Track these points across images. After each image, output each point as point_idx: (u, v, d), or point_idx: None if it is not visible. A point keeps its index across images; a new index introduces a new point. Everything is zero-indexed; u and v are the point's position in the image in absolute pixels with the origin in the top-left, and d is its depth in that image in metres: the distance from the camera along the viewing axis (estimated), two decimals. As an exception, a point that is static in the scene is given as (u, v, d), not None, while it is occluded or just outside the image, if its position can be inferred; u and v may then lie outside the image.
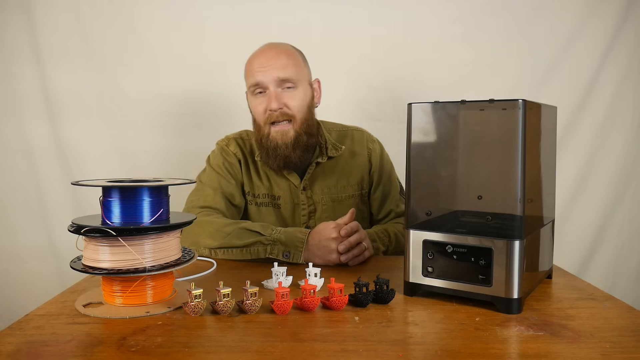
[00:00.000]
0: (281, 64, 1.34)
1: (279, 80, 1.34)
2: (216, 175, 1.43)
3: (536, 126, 0.95)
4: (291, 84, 1.35)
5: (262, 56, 1.36)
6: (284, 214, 1.45)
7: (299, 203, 1.44)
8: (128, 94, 1.89)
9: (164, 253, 0.93)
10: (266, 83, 1.34)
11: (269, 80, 1.33)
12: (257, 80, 1.34)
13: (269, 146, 1.36)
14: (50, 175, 1.89)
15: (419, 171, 0.98)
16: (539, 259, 1.02)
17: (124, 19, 1.86)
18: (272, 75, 1.33)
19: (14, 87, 1.86)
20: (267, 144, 1.36)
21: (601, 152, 1.99)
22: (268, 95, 1.35)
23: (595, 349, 0.75)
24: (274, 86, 1.34)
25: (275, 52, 1.36)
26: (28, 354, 0.74)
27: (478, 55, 1.92)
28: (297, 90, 1.36)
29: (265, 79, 1.34)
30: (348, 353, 0.74)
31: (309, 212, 1.44)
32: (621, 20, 1.92)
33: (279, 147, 1.35)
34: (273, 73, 1.33)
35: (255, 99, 1.37)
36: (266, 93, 1.35)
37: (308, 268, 1.04)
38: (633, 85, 1.96)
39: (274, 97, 1.33)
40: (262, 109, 1.36)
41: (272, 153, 1.36)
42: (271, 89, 1.34)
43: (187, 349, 0.76)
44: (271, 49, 1.38)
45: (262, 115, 1.36)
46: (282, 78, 1.34)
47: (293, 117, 1.36)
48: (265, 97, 1.35)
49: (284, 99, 1.34)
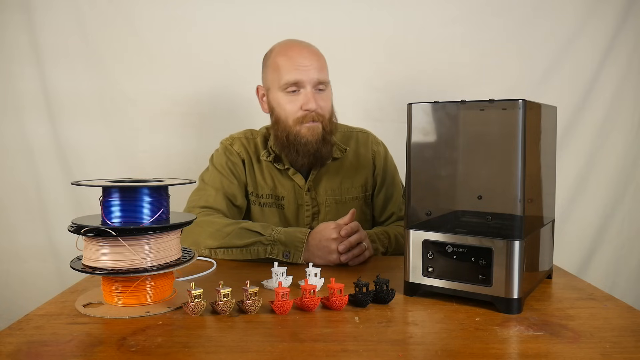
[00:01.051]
0: (319, 65, 1.35)
1: (317, 82, 1.35)
2: (219, 175, 1.43)
3: (536, 126, 0.95)
4: (323, 85, 1.37)
5: (300, 55, 1.35)
6: (288, 214, 1.44)
7: (303, 204, 1.44)
8: (128, 94, 1.88)
9: (164, 253, 0.93)
10: (305, 83, 1.34)
11: (307, 80, 1.33)
12: (297, 79, 1.33)
13: (299, 143, 1.35)
14: (50, 175, 1.89)
15: (419, 171, 0.98)
16: (539, 259, 1.02)
17: (124, 19, 1.86)
18: (311, 76, 1.33)
19: (14, 87, 1.86)
20: (297, 140, 1.35)
21: (601, 152, 1.98)
22: (304, 95, 1.34)
23: (595, 349, 0.75)
24: (311, 86, 1.34)
25: (311, 52, 1.37)
26: (28, 354, 0.75)
27: (478, 55, 1.92)
28: (326, 92, 1.39)
29: (305, 79, 1.33)
30: (348, 353, 0.74)
31: (312, 213, 1.44)
32: (621, 20, 1.92)
33: (309, 143, 1.35)
34: (312, 74, 1.33)
35: (287, 96, 1.36)
36: (300, 92, 1.35)
37: (308, 268, 1.04)
38: (633, 85, 1.96)
39: (312, 98, 1.34)
40: (295, 107, 1.35)
41: (303, 149, 1.36)
42: (308, 89, 1.34)
43: (187, 349, 0.76)
44: (305, 48, 1.38)
45: (295, 113, 1.35)
46: (320, 80, 1.35)
47: (323, 117, 1.37)
48: (298, 96, 1.35)
49: (318, 101, 1.35)
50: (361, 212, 1.47)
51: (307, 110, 1.34)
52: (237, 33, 1.87)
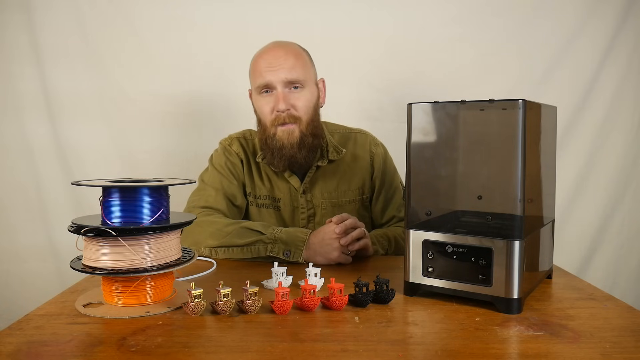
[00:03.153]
0: (289, 64, 1.32)
1: (287, 81, 1.32)
2: (218, 175, 1.42)
3: (536, 126, 0.95)
4: (299, 84, 1.34)
5: (270, 55, 1.34)
6: (284, 216, 1.44)
7: (299, 206, 1.43)
8: (128, 94, 1.88)
9: (164, 253, 0.93)
10: (274, 83, 1.32)
11: (277, 80, 1.32)
12: (265, 81, 1.32)
13: (274, 146, 1.34)
14: (50, 175, 1.89)
15: (419, 171, 0.98)
16: (539, 259, 1.02)
17: (124, 19, 1.86)
18: (280, 76, 1.31)
19: (14, 87, 1.86)
20: (273, 144, 1.34)
21: (601, 152, 1.98)
22: (275, 96, 1.33)
23: (595, 349, 0.75)
24: (282, 87, 1.32)
25: (284, 51, 1.34)
26: (28, 354, 0.74)
27: (478, 55, 1.92)
28: (304, 91, 1.35)
29: (273, 79, 1.32)
30: (348, 353, 0.74)
31: (308, 215, 1.44)
32: (621, 20, 1.92)
33: (284, 147, 1.34)
34: (281, 74, 1.31)
35: (262, 98, 1.35)
36: (273, 93, 1.34)
37: (308, 268, 1.04)
38: (633, 85, 1.96)
39: (282, 98, 1.32)
40: (268, 109, 1.34)
41: (278, 153, 1.35)
42: (279, 90, 1.32)
43: (187, 349, 0.76)
44: (279, 48, 1.36)
45: (269, 115, 1.34)
46: (290, 79, 1.32)
47: (299, 119, 1.34)
48: (272, 97, 1.34)
49: (291, 100, 1.33)
50: (359, 216, 1.43)
51: (278, 111, 1.32)
52: (237, 33, 1.87)
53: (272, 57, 1.33)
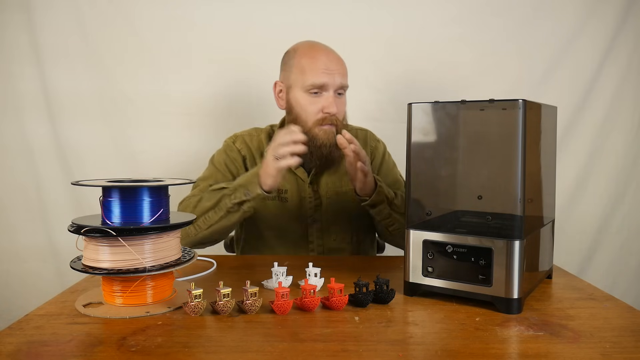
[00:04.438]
0: (343, 70, 1.39)
1: (340, 87, 1.37)
2: (215, 170, 1.46)
3: (536, 126, 0.95)
4: (343, 90, 1.40)
5: (327, 58, 1.37)
6: (291, 207, 1.46)
7: (306, 196, 1.46)
8: (128, 94, 1.88)
9: (164, 253, 0.93)
10: (329, 87, 1.36)
11: (332, 84, 1.36)
12: (322, 82, 1.35)
13: (313, 145, 1.37)
14: (50, 175, 1.89)
15: (419, 171, 0.98)
16: (539, 259, 1.02)
17: (124, 19, 1.86)
18: (337, 81, 1.36)
19: (14, 87, 1.86)
20: (312, 142, 1.37)
21: (601, 152, 1.98)
22: (326, 98, 1.36)
23: (595, 349, 0.75)
24: (334, 91, 1.37)
25: (337, 57, 1.40)
26: (28, 354, 0.74)
27: (478, 55, 1.92)
28: (344, 97, 1.42)
29: (330, 83, 1.35)
30: (348, 353, 0.74)
31: (315, 205, 1.46)
32: (621, 20, 1.92)
33: (323, 146, 1.37)
34: (338, 79, 1.36)
35: (309, 97, 1.37)
36: (323, 95, 1.37)
37: (308, 268, 1.04)
38: (633, 85, 1.96)
39: (335, 102, 1.36)
40: (315, 109, 1.37)
41: (317, 152, 1.37)
42: (331, 93, 1.36)
43: (187, 349, 0.76)
44: (333, 52, 1.41)
45: (314, 115, 1.37)
46: (343, 85, 1.38)
47: (339, 121, 1.39)
48: (321, 98, 1.37)
49: (338, 105, 1.38)
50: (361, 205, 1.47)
51: (327, 113, 1.36)
52: (237, 33, 1.87)
53: (327, 60, 1.37)
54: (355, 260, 1.34)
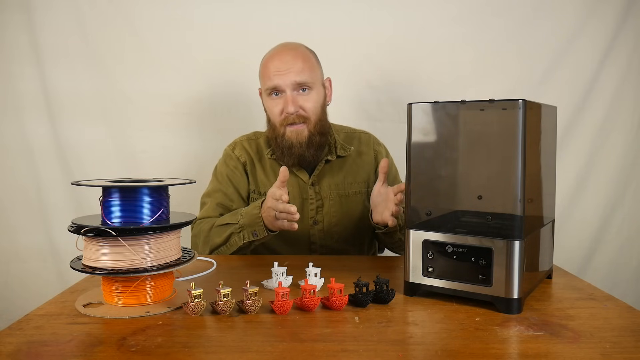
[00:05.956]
0: (298, 68, 1.37)
1: (296, 84, 1.37)
2: (218, 184, 1.49)
3: (536, 126, 0.95)
4: (306, 87, 1.39)
5: (279, 59, 1.39)
6: None
7: (308, 198, 1.47)
8: (128, 94, 1.88)
9: (164, 253, 0.93)
10: (283, 87, 1.37)
11: (285, 84, 1.37)
12: (274, 84, 1.38)
13: (284, 145, 1.40)
14: (50, 175, 1.89)
15: (419, 171, 0.98)
16: (539, 259, 1.02)
17: (124, 19, 1.86)
18: (289, 80, 1.37)
19: (14, 87, 1.86)
20: (282, 143, 1.40)
21: (601, 152, 1.98)
22: (284, 99, 1.38)
23: (595, 349, 0.75)
24: (291, 90, 1.37)
25: (292, 55, 1.39)
26: (28, 354, 0.74)
27: (478, 55, 1.92)
28: (312, 93, 1.40)
29: (282, 83, 1.37)
30: (348, 353, 0.74)
31: (316, 206, 1.47)
32: (621, 20, 1.92)
33: (293, 147, 1.39)
34: (290, 77, 1.36)
35: (272, 100, 1.41)
36: (282, 95, 1.39)
37: (308, 268, 1.04)
38: (633, 85, 1.96)
39: (291, 101, 1.37)
40: (278, 110, 1.40)
41: (287, 152, 1.40)
42: (288, 93, 1.37)
43: (187, 349, 0.76)
44: (288, 51, 1.40)
45: (278, 116, 1.40)
46: (299, 82, 1.37)
47: (308, 119, 1.40)
48: (281, 99, 1.39)
49: (299, 102, 1.38)
50: (364, 207, 1.49)
51: (287, 113, 1.38)
52: (237, 33, 1.87)
53: (280, 61, 1.38)
54: (355, 260, 1.34)
